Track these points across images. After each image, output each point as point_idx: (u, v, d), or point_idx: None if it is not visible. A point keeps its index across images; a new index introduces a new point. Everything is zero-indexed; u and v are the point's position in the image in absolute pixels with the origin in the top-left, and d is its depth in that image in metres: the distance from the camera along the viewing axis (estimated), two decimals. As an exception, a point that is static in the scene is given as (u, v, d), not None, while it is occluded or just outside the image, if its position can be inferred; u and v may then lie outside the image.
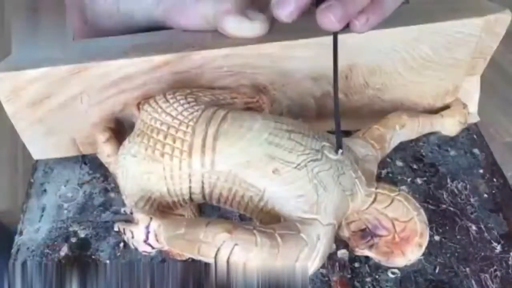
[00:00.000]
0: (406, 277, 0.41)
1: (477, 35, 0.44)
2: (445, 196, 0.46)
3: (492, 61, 0.48)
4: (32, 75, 0.41)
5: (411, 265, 0.37)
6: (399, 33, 0.43)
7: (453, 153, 0.50)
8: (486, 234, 0.44)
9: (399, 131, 0.44)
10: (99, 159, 0.44)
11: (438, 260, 0.42)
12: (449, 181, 0.48)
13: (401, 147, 0.47)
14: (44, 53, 0.43)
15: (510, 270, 0.41)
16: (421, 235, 0.35)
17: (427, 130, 0.48)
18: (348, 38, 0.43)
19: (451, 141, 0.51)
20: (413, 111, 0.48)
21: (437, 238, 0.43)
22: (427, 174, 0.48)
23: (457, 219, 0.45)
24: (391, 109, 0.47)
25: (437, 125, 0.48)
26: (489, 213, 0.45)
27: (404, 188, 0.47)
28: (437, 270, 0.41)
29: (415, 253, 0.35)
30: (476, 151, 0.50)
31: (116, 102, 0.44)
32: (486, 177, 0.48)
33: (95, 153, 0.45)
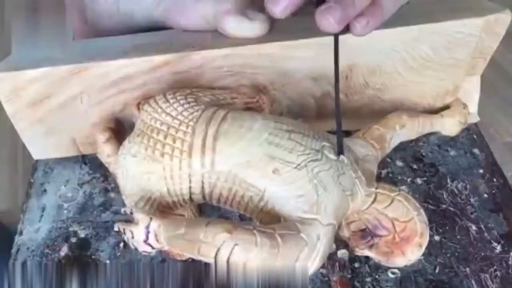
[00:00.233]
0: (406, 277, 0.41)
1: (477, 35, 0.44)
2: (445, 196, 0.46)
3: (492, 61, 0.48)
4: (32, 75, 0.41)
5: (411, 265, 0.37)
6: (399, 33, 0.43)
7: (453, 153, 0.50)
8: (486, 234, 0.44)
9: (399, 131, 0.44)
10: (99, 159, 0.44)
11: (438, 260, 0.42)
12: (449, 181, 0.48)
13: (401, 147, 0.47)
14: (44, 53, 0.43)
15: (510, 270, 0.41)
16: (421, 235, 0.35)
17: (427, 130, 0.48)
18: (348, 38, 0.43)
19: (451, 141, 0.51)
20: (413, 111, 0.48)
21: (437, 238, 0.43)
22: (427, 174, 0.48)
23: (457, 219, 0.45)
24: (391, 109, 0.47)
25: (437, 125, 0.48)
26: (489, 213, 0.45)
27: (404, 188, 0.47)
28: (437, 270, 0.41)
29: (415, 253, 0.35)
30: (476, 151, 0.50)
31: (116, 102, 0.43)
32: (486, 177, 0.48)
33: (95, 153, 0.45)
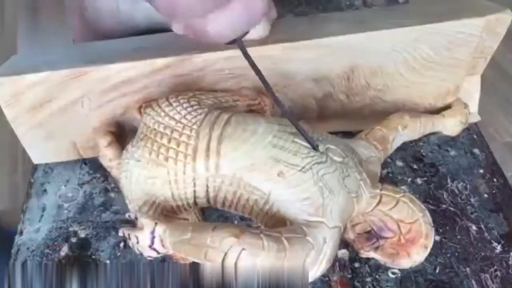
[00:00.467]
0: (406, 277, 0.41)
1: (478, 35, 0.44)
2: (445, 196, 0.47)
3: (492, 61, 0.48)
4: (32, 79, 0.40)
5: (411, 265, 0.38)
6: (400, 34, 0.43)
7: (453, 153, 0.50)
8: (486, 234, 0.44)
9: (402, 132, 0.44)
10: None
11: (438, 260, 0.42)
12: (449, 181, 0.48)
13: (401, 147, 0.47)
14: (44, 57, 0.43)
15: (510, 270, 0.41)
16: (427, 237, 0.35)
17: (429, 130, 0.48)
18: (349, 39, 0.43)
19: (451, 141, 0.51)
20: (415, 112, 0.48)
21: (437, 238, 0.43)
22: (427, 174, 0.48)
23: (457, 219, 0.45)
24: (393, 110, 0.47)
25: (438, 125, 0.48)
26: (489, 213, 0.45)
27: (404, 188, 0.47)
28: (437, 270, 0.41)
29: (420, 254, 0.35)
30: (476, 151, 0.50)
31: (117, 105, 0.43)
32: (486, 177, 0.48)
33: (96, 156, 0.44)
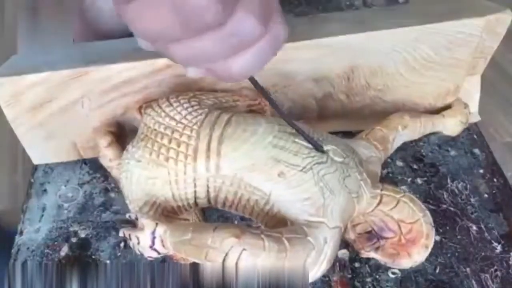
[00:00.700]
0: (406, 277, 0.41)
1: (478, 35, 0.44)
2: (445, 196, 0.46)
3: (492, 61, 0.48)
4: (32, 79, 0.40)
5: (411, 265, 0.38)
6: (400, 34, 0.43)
7: (453, 153, 0.50)
8: (486, 234, 0.44)
9: (402, 132, 0.44)
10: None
11: (438, 260, 0.42)
12: (449, 181, 0.48)
13: (401, 147, 0.47)
14: (44, 57, 0.42)
15: (510, 270, 0.41)
16: (427, 237, 0.35)
17: (429, 130, 0.48)
18: (349, 39, 0.43)
19: (451, 141, 0.51)
20: (415, 112, 0.48)
21: (437, 238, 0.43)
22: (428, 174, 0.48)
23: (458, 219, 0.45)
24: (393, 110, 0.47)
25: (439, 125, 0.48)
26: (489, 213, 0.45)
27: (404, 188, 0.47)
28: (437, 270, 0.41)
29: (421, 254, 0.35)
30: (476, 151, 0.50)
31: (117, 105, 0.43)
32: (486, 177, 0.48)
33: (96, 156, 0.44)
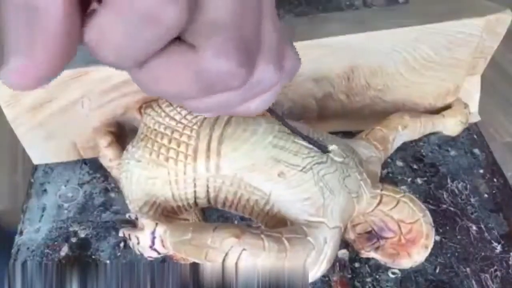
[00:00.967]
0: (406, 277, 0.41)
1: (478, 35, 0.44)
2: (445, 196, 0.46)
3: (492, 61, 0.48)
4: None
5: (411, 265, 0.38)
6: (400, 34, 0.43)
7: (453, 153, 0.50)
8: (486, 234, 0.44)
9: (402, 132, 0.44)
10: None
11: (438, 260, 0.42)
12: (449, 181, 0.48)
13: (401, 147, 0.47)
14: None
15: (510, 270, 0.41)
16: (427, 237, 0.35)
17: (429, 130, 0.48)
18: (349, 39, 0.43)
19: (451, 141, 0.51)
20: (415, 112, 0.48)
21: (437, 238, 0.43)
22: (428, 174, 0.48)
23: (458, 219, 0.45)
24: (393, 110, 0.47)
25: (439, 125, 0.48)
26: (489, 213, 0.45)
27: (404, 188, 0.47)
28: (437, 270, 0.41)
29: (421, 254, 0.35)
30: (476, 151, 0.50)
31: (117, 106, 0.43)
32: (486, 177, 0.48)
33: (96, 157, 0.44)
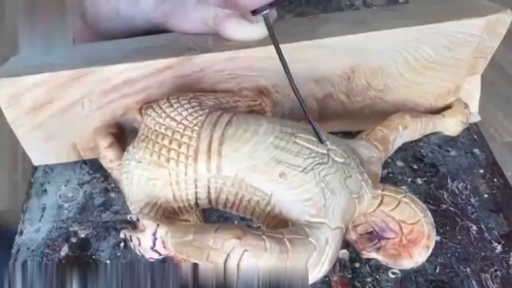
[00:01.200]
0: (406, 277, 0.41)
1: (478, 35, 0.44)
2: (445, 196, 0.46)
3: (492, 61, 0.48)
4: (32, 80, 0.40)
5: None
6: (401, 34, 0.43)
7: (453, 153, 0.50)
8: (486, 234, 0.44)
9: (402, 132, 0.44)
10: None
11: (438, 260, 0.42)
12: (449, 181, 0.48)
13: (401, 147, 0.47)
14: (44, 58, 0.42)
15: (510, 270, 0.41)
16: (428, 237, 0.35)
17: (430, 130, 0.48)
18: (350, 39, 0.43)
19: (451, 141, 0.51)
20: (415, 112, 0.48)
21: (437, 238, 0.43)
22: (428, 174, 0.48)
23: (458, 219, 0.45)
24: (393, 110, 0.47)
25: (439, 125, 0.48)
26: (489, 213, 0.45)
27: (404, 188, 0.47)
28: (437, 270, 0.41)
29: (422, 255, 0.35)
30: (476, 151, 0.50)
31: (117, 106, 0.43)
32: (486, 177, 0.48)
33: (96, 157, 0.44)
